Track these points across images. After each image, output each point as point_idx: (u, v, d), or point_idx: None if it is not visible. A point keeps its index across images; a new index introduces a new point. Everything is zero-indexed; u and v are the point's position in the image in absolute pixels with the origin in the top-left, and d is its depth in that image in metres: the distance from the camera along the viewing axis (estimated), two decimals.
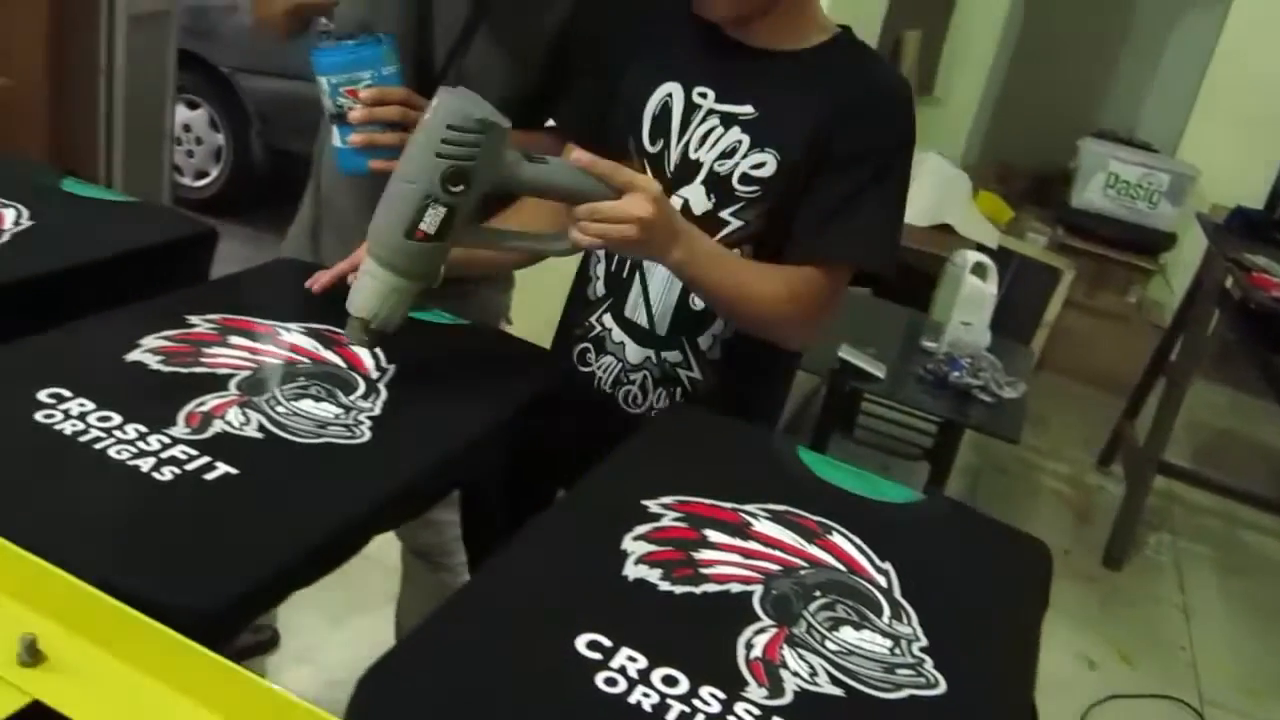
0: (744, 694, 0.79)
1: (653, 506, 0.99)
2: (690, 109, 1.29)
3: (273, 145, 4.17)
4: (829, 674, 0.83)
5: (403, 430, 1.04)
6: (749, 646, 0.84)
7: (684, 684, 0.78)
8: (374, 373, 1.13)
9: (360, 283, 1.10)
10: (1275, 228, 3.60)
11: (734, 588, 0.91)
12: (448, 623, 0.82)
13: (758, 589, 0.91)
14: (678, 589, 0.89)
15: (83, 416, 0.95)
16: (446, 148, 1.03)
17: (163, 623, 0.70)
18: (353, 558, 0.92)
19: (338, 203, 1.63)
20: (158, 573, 0.79)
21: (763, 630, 0.86)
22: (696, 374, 1.36)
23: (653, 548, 0.93)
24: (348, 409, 1.05)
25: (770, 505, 1.03)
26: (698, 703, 0.77)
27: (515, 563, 0.91)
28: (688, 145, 1.29)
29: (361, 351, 1.16)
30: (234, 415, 1.00)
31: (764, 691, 0.79)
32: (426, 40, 1.47)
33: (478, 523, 1.20)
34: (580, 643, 0.80)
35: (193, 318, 1.16)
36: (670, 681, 0.78)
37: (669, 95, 1.30)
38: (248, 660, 1.57)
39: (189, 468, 0.91)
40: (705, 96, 1.29)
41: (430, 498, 1.03)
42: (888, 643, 0.88)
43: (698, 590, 0.89)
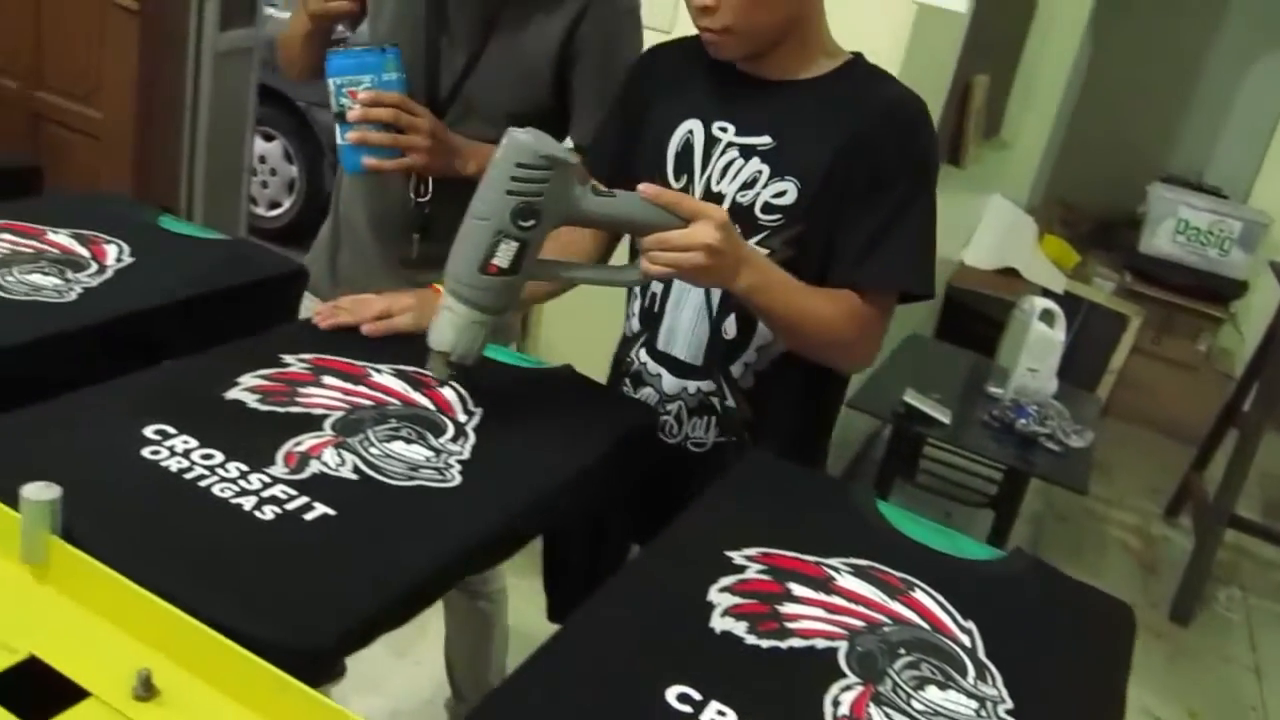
0: None
1: (736, 558, 1.00)
2: (711, 143, 1.33)
3: None
4: None
5: (491, 475, 1.06)
6: (836, 704, 0.84)
7: None
8: (461, 416, 1.16)
9: (439, 318, 1.13)
10: None
11: (819, 643, 0.91)
12: (542, 672, 0.83)
13: (843, 645, 0.91)
14: (764, 643, 0.90)
15: (187, 454, 0.98)
16: (516, 184, 1.07)
17: (265, 659, 0.73)
18: None
19: (353, 219, 1.72)
20: (263, 611, 0.81)
21: (849, 688, 0.86)
22: (731, 402, 1.38)
23: (738, 600, 0.94)
24: (438, 451, 1.08)
25: (852, 560, 1.04)
26: None
27: (604, 612, 0.92)
28: (710, 179, 1.33)
29: (449, 394, 1.18)
30: (330, 456, 1.03)
31: None
32: (435, 62, 1.56)
33: (560, 567, 1.21)
34: (670, 695, 0.81)
35: (286, 356, 1.19)
36: None
37: (690, 132, 1.34)
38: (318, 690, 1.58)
39: (289, 507, 0.93)
40: (725, 130, 1.32)
41: (518, 542, 1.05)
42: (973, 704, 0.88)
43: (783, 645, 0.90)
